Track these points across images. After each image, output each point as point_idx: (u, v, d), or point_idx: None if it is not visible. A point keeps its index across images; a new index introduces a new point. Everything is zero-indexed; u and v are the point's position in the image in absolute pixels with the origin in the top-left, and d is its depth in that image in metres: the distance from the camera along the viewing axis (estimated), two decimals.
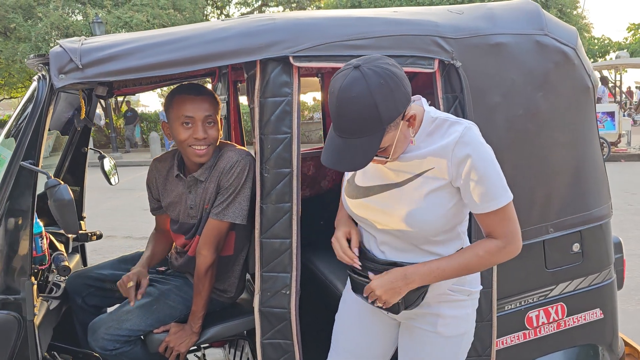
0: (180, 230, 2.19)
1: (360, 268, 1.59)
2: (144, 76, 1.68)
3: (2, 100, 24.97)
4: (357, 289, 1.63)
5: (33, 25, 16.86)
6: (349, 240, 1.66)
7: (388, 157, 1.42)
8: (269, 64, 1.73)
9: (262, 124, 1.76)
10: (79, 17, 17.99)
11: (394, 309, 1.58)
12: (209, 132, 2.02)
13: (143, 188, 2.37)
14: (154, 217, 2.37)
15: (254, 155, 2.05)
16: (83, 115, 1.96)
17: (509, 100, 1.87)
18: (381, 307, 1.60)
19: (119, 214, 8.13)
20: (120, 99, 19.29)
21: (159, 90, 21.13)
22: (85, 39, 1.75)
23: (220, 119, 2.14)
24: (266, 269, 1.82)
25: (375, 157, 1.40)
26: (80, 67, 1.60)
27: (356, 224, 1.71)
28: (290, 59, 1.72)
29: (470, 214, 1.62)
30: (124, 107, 20.04)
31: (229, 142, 2.23)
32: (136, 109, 22.07)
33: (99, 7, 17.46)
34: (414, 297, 1.55)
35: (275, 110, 1.75)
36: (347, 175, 1.66)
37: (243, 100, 4.43)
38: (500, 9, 1.98)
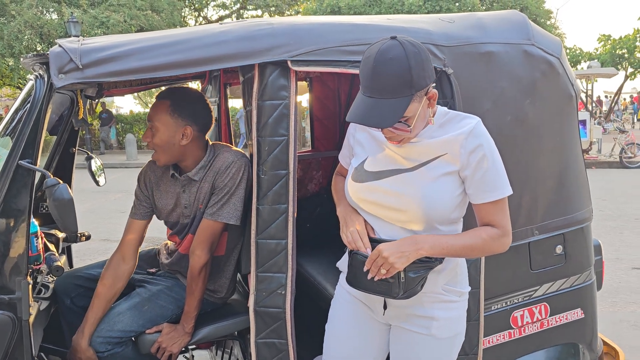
0: (177, 231, 2.20)
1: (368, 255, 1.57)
2: (143, 77, 1.70)
3: None
4: (358, 270, 1.59)
5: (6, 23, 16.52)
6: None
7: (410, 127, 1.48)
8: (268, 68, 1.76)
9: (260, 126, 1.79)
10: (54, 16, 17.69)
11: (393, 292, 1.56)
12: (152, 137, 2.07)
13: (119, 190, 2.36)
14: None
15: (248, 157, 2.07)
16: (81, 115, 1.96)
17: (498, 107, 1.94)
18: (380, 292, 1.58)
19: (95, 217, 8.01)
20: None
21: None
22: (84, 39, 1.76)
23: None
24: (262, 270, 1.85)
25: (398, 124, 1.46)
26: (81, 67, 1.61)
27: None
28: (289, 62, 1.75)
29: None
30: (99, 108, 19.71)
31: (224, 143, 2.25)
32: (111, 110, 21.74)
33: (75, 6, 17.19)
34: (414, 284, 1.56)
35: (273, 113, 1.78)
36: (355, 162, 1.69)
37: (231, 103, 4.43)
38: (489, 19, 2.05)
